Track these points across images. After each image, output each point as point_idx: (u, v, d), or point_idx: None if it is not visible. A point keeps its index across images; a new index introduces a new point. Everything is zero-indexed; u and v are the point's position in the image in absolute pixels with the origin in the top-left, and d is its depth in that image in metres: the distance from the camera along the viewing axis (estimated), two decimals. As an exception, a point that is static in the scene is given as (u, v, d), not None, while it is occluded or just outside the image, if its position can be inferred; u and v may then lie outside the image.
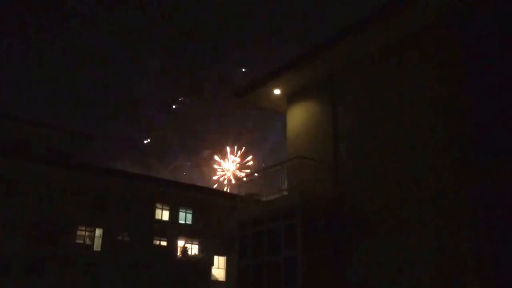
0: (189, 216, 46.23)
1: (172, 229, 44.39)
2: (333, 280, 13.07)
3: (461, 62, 11.94)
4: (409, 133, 12.67)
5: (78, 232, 39.69)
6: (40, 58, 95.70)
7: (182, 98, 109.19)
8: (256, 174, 17.03)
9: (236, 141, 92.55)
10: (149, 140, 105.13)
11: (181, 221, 45.70)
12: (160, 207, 44.69)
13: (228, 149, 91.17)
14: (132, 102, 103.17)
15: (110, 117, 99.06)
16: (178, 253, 44.69)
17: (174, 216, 45.21)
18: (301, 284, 12.35)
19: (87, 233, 40.18)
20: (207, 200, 46.93)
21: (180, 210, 45.73)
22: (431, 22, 12.63)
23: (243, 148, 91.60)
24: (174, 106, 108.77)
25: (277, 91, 16.91)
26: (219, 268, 46.79)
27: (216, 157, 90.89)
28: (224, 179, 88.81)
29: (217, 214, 46.33)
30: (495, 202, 10.54)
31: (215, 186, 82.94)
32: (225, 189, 79.24)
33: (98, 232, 40.51)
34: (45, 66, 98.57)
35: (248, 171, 73.38)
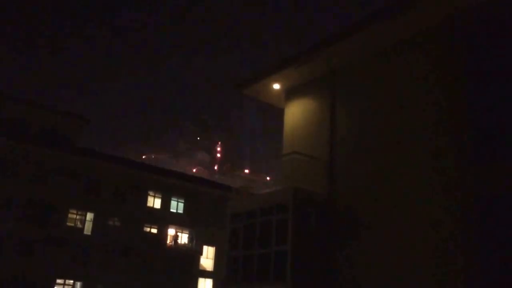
0: (181, 205, 46.34)
1: (163, 217, 44.50)
2: (323, 275, 13.20)
3: (463, 66, 12.03)
4: (407, 134, 12.77)
5: (70, 215, 39.64)
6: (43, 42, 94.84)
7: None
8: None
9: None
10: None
11: (173, 210, 45.80)
12: (153, 194, 44.75)
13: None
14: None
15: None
16: (168, 241, 44.83)
17: (166, 204, 45.29)
18: (290, 277, 12.47)
19: (78, 217, 40.14)
20: (200, 190, 47.03)
21: (172, 198, 45.83)
22: (433, 25, 12.73)
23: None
24: None
25: (276, 86, 16.98)
26: (207, 258, 46.95)
27: None
28: None
29: (209, 205, 46.46)
30: (488, 205, 10.69)
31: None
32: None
33: (89, 216, 40.48)
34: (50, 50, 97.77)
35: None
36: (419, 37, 13.14)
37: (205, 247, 46.90)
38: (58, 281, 37.99)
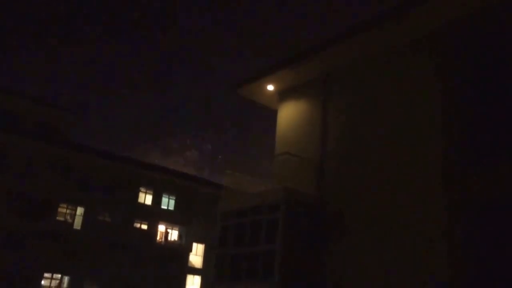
0: (172, 202, 46.44)
1: (154, 214, 44.56)
2: (311, 274, 13.40)
3: (455, 72, 12.28)
4: (397, 138, 13.00)
5: (60, 209, 39.60)
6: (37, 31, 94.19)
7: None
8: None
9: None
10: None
11: (164, 207, 45.89)
12: (144, 191, 44.80)
13: None
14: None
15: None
16: (158, 238, 44.91)
17: (157, 201, 45.37)
18: (279, 277, 12.64)
19: (68, 211, 40.12)
20: (191, 188, 47.14)
21: (164, 195, 45.90)
22: (428, 31, 12.94)
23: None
24: None
25: (270, 87, 17.17)
26: (197, 255, 47.14)
27: None
28: None
29: (200, 202, 46.60)
30: (474, 206, 10.94)
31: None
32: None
33: (80, 210, 40.47)
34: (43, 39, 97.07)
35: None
36: (413, 44, 13.37)
37: (194, 244, 47.08)
38: (46, 274, 37.96)
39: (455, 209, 11.12)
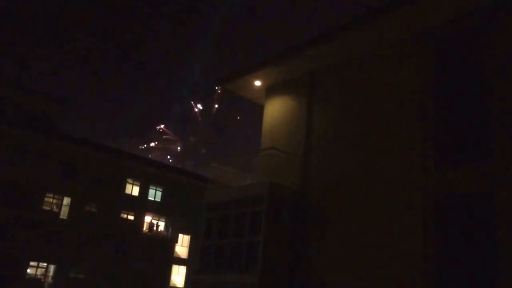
0: (159, 193, 46.67)
1: (141, 205, 44.77)
2: (293, 266, 13.84)
3: (435, 72, 12.72)
4: (379, 136, 13.41)
5: (46, 199, 39.52)
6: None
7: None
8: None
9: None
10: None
11: (150, 198, 46.10)
12: (131, 182, 44.91)
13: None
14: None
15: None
16: (144, 228, 45.16)
17: (144, 192, 45.55)
18: (261, 268, 13.04)
19: (54, 201, 40.09)
20: (178, 180, 47.39)
21: (151, 187, 46.10)
22: (410, 33, 13.32)
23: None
24: None
25: (257, 83, 17.47)
26: (182, 246, 47.52)
27: None
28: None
29: (186, 194, 46.87)
30: (448, 206, 11.43)
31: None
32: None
33: (66, 200, 40.47)
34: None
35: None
36: (395, 45, 13.76)
37: (180, 235, 47.45)
38: (32, 263, 38.01)
39: (432, 203, 11.59)
